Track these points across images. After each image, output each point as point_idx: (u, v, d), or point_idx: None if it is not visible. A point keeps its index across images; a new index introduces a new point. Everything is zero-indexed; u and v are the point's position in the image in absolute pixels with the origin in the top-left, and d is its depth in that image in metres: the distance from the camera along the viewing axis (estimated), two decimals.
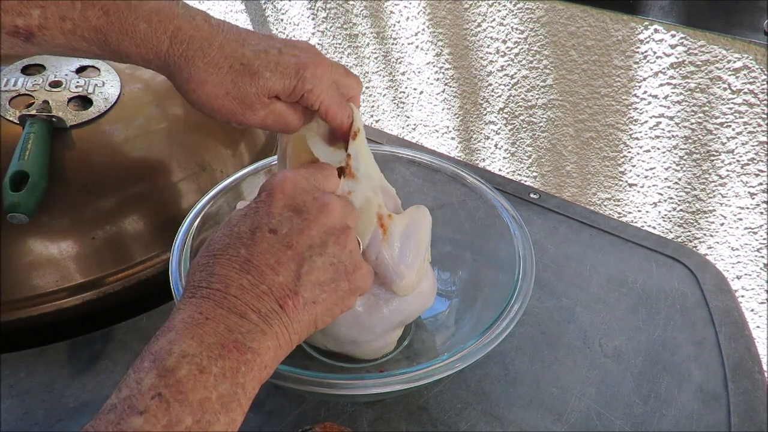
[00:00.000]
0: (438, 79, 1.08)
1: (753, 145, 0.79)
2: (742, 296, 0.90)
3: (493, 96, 1.02)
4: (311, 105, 0.41)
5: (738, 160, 0.81)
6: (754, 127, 0.77)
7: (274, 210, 0.36)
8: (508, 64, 0.97)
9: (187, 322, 0.31)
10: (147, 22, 0.37)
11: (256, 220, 0.35)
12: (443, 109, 1.12)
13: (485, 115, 1.06)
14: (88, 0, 0.36)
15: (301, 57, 0.40)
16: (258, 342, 0.31)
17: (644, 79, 0.83)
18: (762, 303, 0.89)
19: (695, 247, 0.91)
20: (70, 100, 0.57)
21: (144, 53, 0.38)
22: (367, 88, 1.20)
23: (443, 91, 1.09)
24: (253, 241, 0.34)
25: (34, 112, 0.54)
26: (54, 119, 0.54)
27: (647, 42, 0.80)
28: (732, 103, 0.78)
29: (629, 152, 0.91)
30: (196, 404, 0.28)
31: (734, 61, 0.75)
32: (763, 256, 0.85)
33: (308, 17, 1.22)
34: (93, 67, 0.61)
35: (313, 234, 0.36)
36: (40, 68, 0.60)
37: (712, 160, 0.83)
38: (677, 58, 0.79)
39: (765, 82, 0.74)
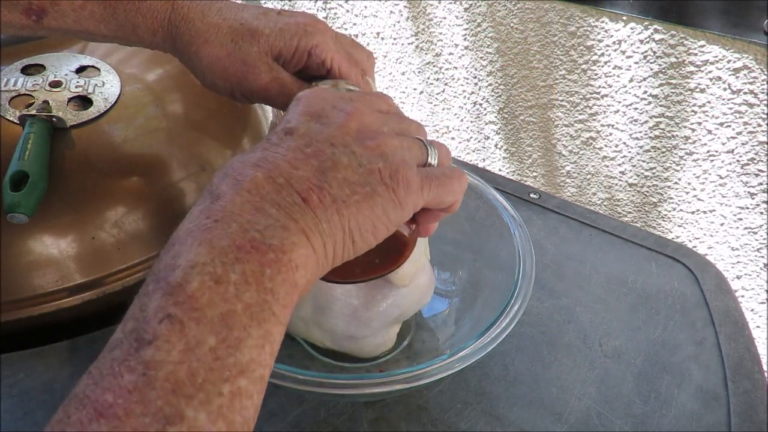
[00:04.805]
0: (438, 79, 1.09)
1: (753, 145, 0.79)
2: (742, 296, 0.90)
3: (493, 96, 1.03)
4: (321, 62, 0.40)
5: (738, 160, 0.81)
6: (754, 127, 0.77)
7: (292, 115, 0.32)
8: (508, 64, 0.97)
9: (191, 230, 0.26)
10: None
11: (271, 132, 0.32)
12: (443, 109, 1.12)
13: (485, 115, 1.06)
14: None
15: (300, 18, 0.41)
16: (279, 238, 0.26)
17: (644, 79, 0.83)
18: (762, 303, 0.89)
19: (695, 247, 0.91)
20: (70, 100, 0.57)
21: (150, 23, 0.41)
22: None
23: (443, 91, 1.09)
24: (269, 144, 0.30)
25: (34, 112, 0.54)
26: (54, 119, 0.54)
27: (647, 42, 0.81)
28: (732, 103, 0.78)
29: (629, 152, 0.91)
30: (218, 320, 0.23)
31: (734, 61, 0.75)
32: (763, 256, 0.85)
33: None
34: (93, 67, 0.61)
35: (335, 134, 0.31)
36: (40, 68, 0.60)
37: (712, 160, 0.83)
38: (677, 57, 0.79)
39: (765, 82, 0.74)
